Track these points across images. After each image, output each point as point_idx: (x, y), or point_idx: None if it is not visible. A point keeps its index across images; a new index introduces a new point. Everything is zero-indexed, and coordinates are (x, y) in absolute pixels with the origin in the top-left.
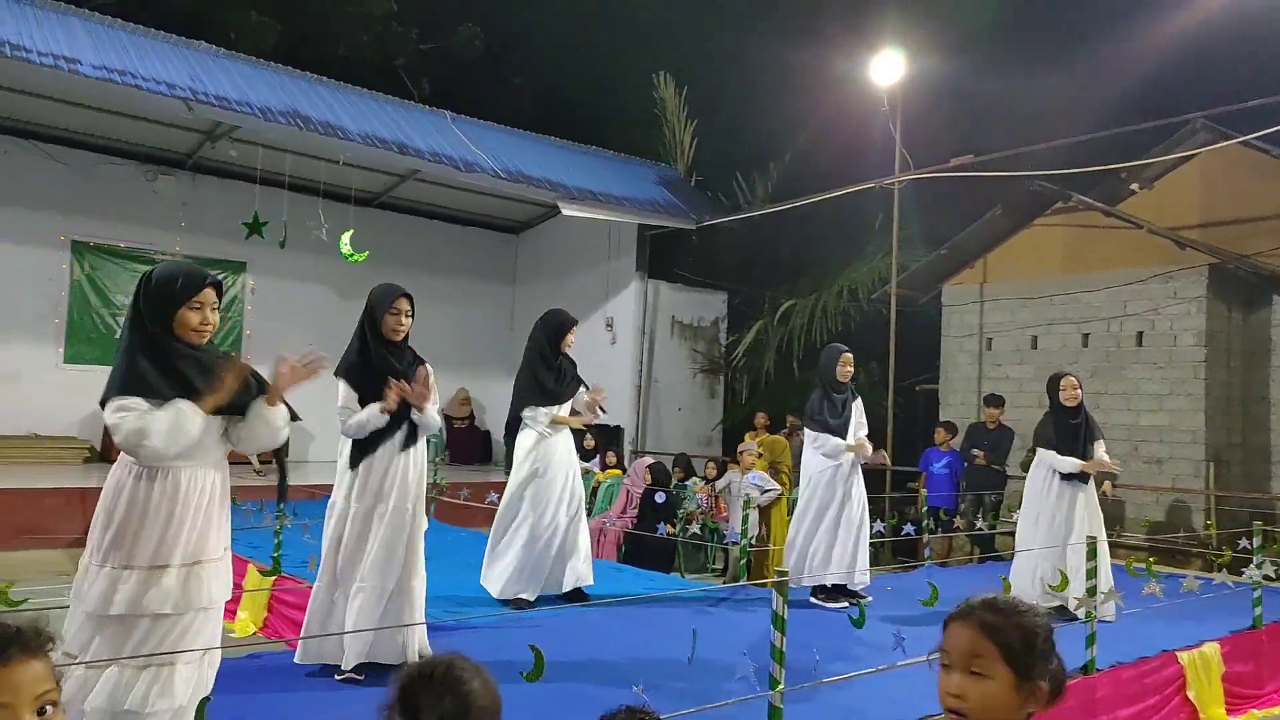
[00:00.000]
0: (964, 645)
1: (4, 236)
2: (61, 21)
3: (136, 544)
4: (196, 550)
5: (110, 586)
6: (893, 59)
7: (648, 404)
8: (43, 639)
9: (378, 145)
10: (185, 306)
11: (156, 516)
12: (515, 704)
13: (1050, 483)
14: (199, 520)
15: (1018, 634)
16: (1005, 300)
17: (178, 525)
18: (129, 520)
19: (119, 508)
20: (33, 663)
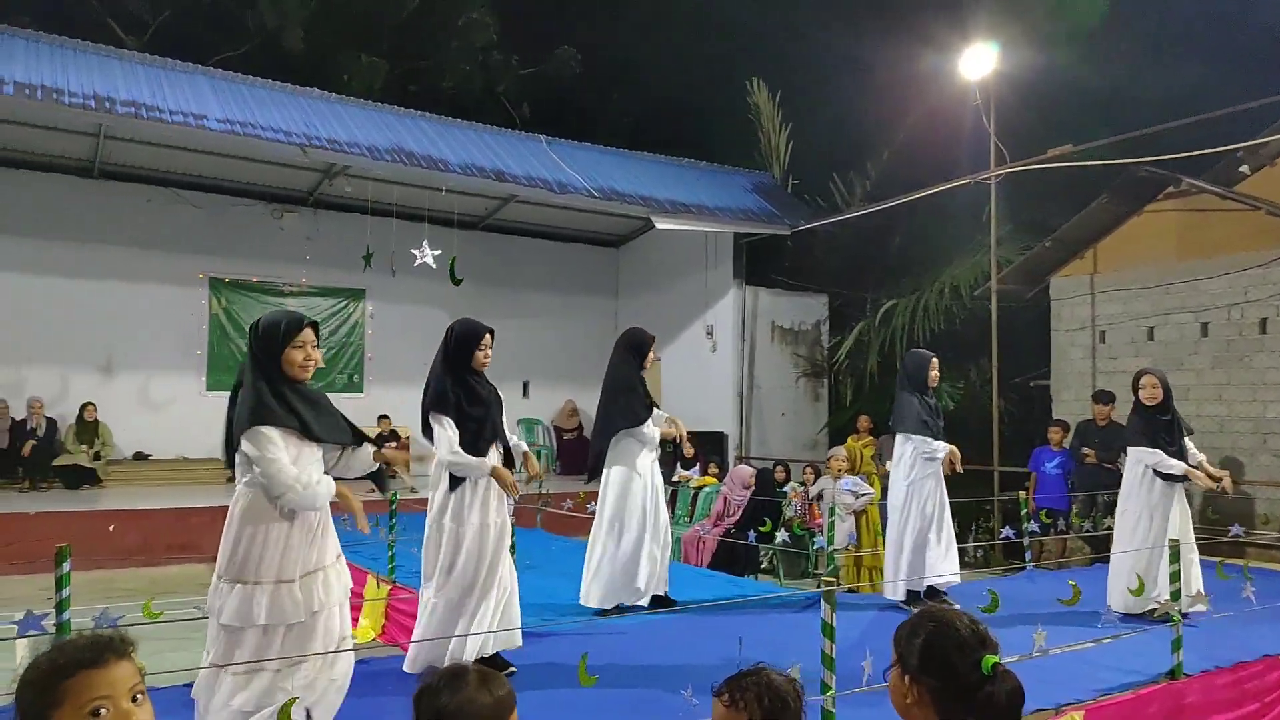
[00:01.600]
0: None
1: (150, 277)
2: (190, 81)
3: (261, 563)
4: (313, 561)
5: (241, 602)
6: (984, 52)
7: (750, 410)
8: (128, 644)
9: (476, 174)
10: (290, 346)
11: (277, 537)
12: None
13: (1146, 482)
14: (313, 536)
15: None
16: (1118, 291)
17: (295, 544)
18: (253, 542)
19: (245, 532)
20: (123, 663)
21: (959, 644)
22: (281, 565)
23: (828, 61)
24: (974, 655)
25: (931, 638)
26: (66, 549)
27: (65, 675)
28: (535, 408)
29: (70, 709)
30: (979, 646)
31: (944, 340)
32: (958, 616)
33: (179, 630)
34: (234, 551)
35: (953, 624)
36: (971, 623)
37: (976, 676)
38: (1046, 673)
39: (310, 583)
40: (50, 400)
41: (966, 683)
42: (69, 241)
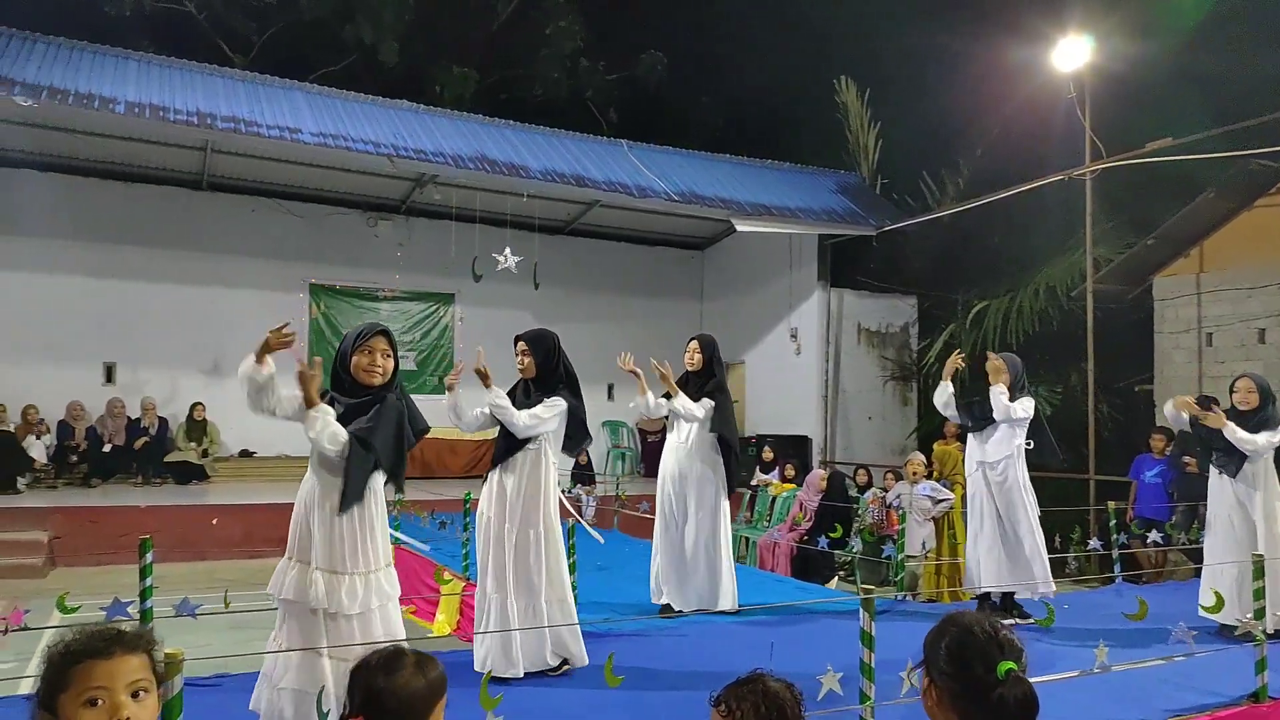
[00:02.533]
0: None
1: (254, 283)
2: (287, 96)
3: (308, 544)
4: (334, 560)
5: (282, 574)
6: (1079, 44)
7: (835, 414)
8: (143, 640)
9: (556, 180)
10: (355, 352)
11: (306, 519)
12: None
13: (1221, 486)
14: (336, 533)
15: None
16: (1226, 291)
17: (320, 530)
18: (296, 519)
19: (298, 512)
20: (130, 658)
21: (977, 648)
22: (321, 552)
23: (917, 57)
24: (991, 659)
25: (952, 641)
26: (148, 541)
27: (74, 661)
28: (619, 410)
29: (72, 694)
30: (996, 652)
31: (1039, 343)
32: (979, 621)
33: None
34: (291, 530)
35: (971, 628)
36: (993, 628)
37: (992, 680)
38: (1117, 690)
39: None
40: (162, 400)
41: (982, 686)
42: (180, 250)
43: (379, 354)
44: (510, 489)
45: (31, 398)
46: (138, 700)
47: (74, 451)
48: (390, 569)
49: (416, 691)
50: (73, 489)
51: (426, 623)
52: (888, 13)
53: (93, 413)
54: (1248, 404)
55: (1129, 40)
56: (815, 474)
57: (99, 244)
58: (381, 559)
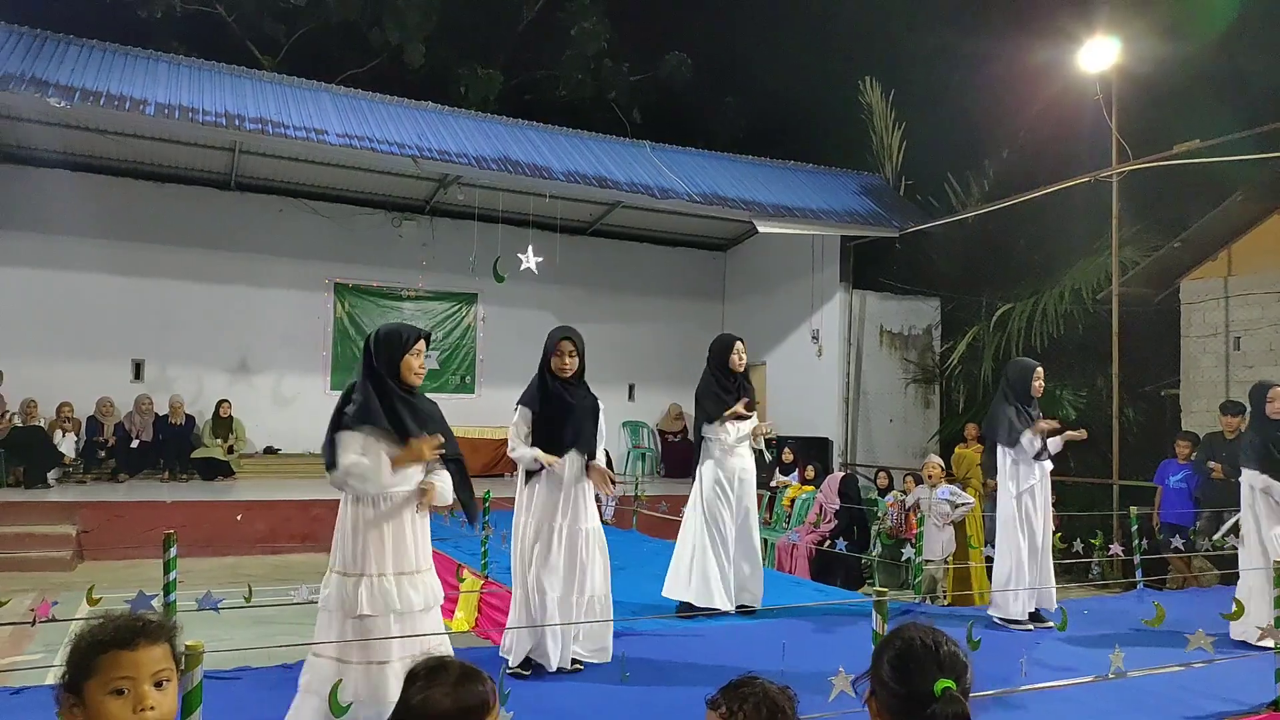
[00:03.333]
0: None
1: (280, 282)
2: (314, 98)
3: (354, 556)
4: (410, 562)
5: (338, 590)
6: (1105, 45)
7: (856, 416)
8: (166, 630)
9: (579, 180)
10: (409, 354)
11: (377, 536)
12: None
13: (1258, 503)
14: (410, 538)
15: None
16: (1255, 295)
17: (379, 542)
18: (345, 536)
19: (343, 526)
20: (154, 648)
21: (919, 664)
22: (377, 560)
23: (943, 58)
24: (928, 675)
25: (895, 655)
26: (172, 536)
27: (100, 650)
28: (640, 411)
29: (99, 682)
30: (935, 669)
31: (1064, 346)
32: (923, 634)
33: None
34: (350, 547)
35: (916, 643)
36: (935, 644)
37: (926, 695)
38: (1135, 695)
39: (401, 582)
40: (189, 397)
41: (917, 700)
42: (208, 249)
43: (423, 355)
44: (561, 489)
45: (62, 394)
46: (161, 690)
47: (102, 447)
48: (433, 571)
49: (448, 710)
50: (101, 484)
51: (446, 620)
52: (913, 14)
53: (121, 409)
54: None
55: (1157, 41)
56: (834, 477)
57: (129, 243)
58: (428, 560)
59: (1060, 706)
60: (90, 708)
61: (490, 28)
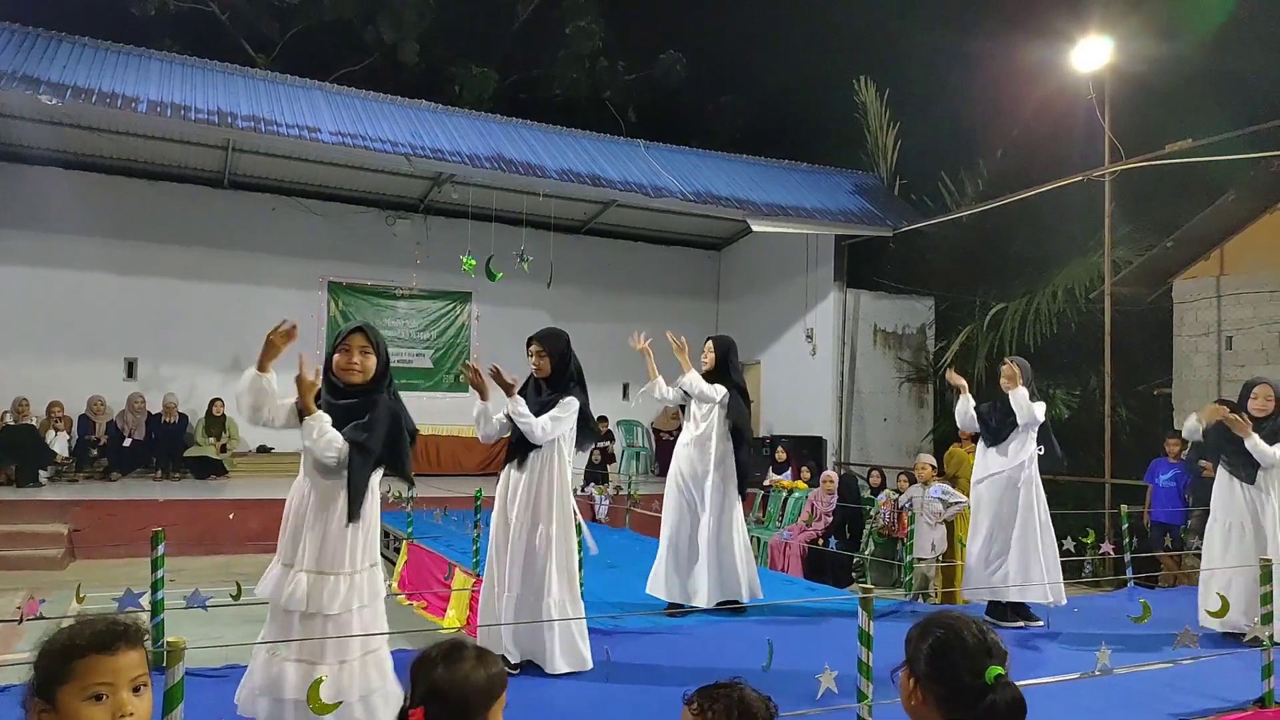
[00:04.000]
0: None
1: (274, 280)
2: (307, 96)
3: (294, 546)
4: (320, 561)
5: (267, 573)
6: (1099, 44)
7: (850, 415)
8: (140, 633)
9: (572, 179)
10: (335, 350)
11: (295, 521)
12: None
13: (1232, 490)
14: (327, 534)
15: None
16: (1247, 294)
17: (307, 533)
18: (284, 521)
19: (285, 511)
20: (131, 652)
21: (965, 651)
22: (291, 551)
23: (937, 58)
24: (979, 664)
25: (938, 643)
26: (160, 534)
27: (77, 655)
28: (635, 409)
29: (76, 688)
30: (984, 655)
31: (1057, 346)
32: (967, 624)
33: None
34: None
35: (960, 631)
36: (980, 631)
37: (979, 685)
38: (1117, 693)
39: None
40: (182, 396)
41: (970, 690)
42: (201, 247)
43: (356, 351)
44: (524, 486)
45: (54, 392)
46: (138, 695)
47: (94, 446)
48: (376, 569)
49: (478, 684)
50: (93, 483)
51: (438, 618)
52: (908, 14)
53: (114, 408)
54: (1264, 411)
55: (1150, 41)
56: (826, 475)
57: (122, 241)
58: (368, 559)
59: (1047, 704)
60: (64, 713)
61: (485, 26)
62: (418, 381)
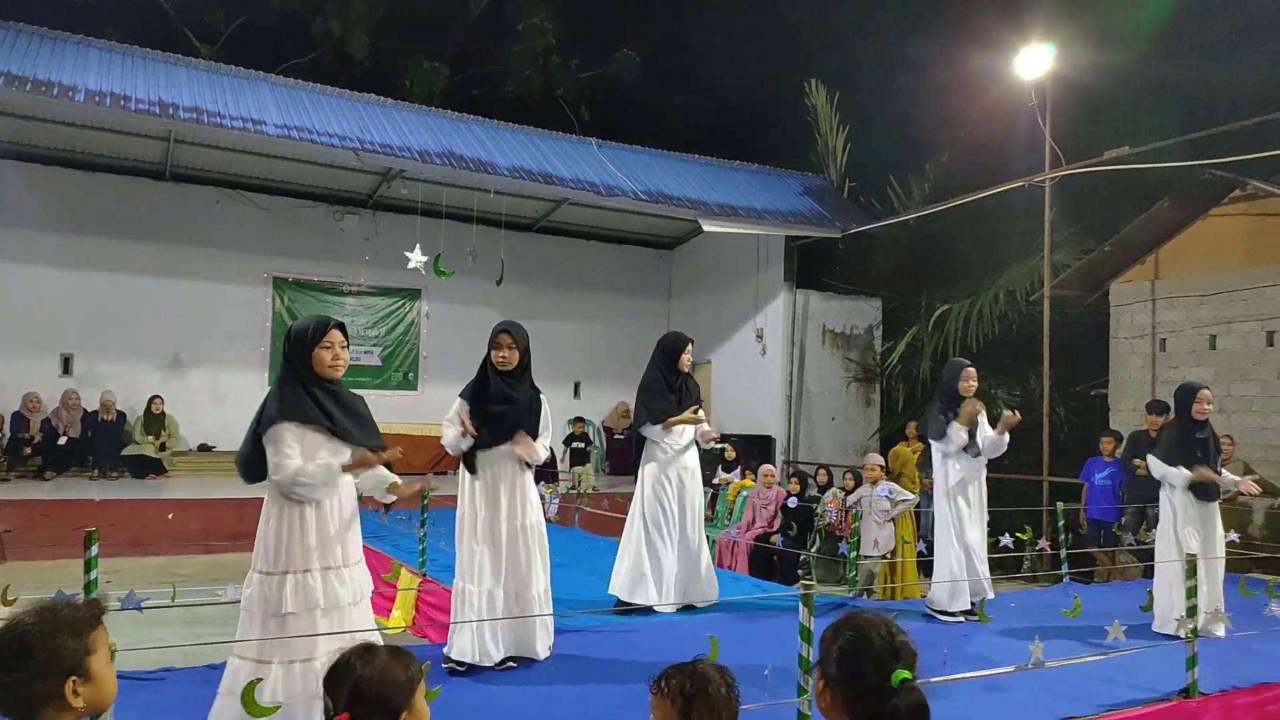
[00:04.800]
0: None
1: (217, 276)
2: (252, 87)
3: (279, 553)
4: (337, 557)
5: (260, 589)
6: (1040, 52)
7: (799, 414)
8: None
9: (524, 177)
10: (319, 347)
11: (302, 532)
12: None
13: (1175, 496)
14: (338, 532)
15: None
16: (1180, 298)
17: (305, 538)
18: (269, 534)
19: (266, 524)
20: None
21: (872, 654)
22: (302, 557)
23: (886, 63)
24: (886, 667)
25: (847, 645)
26: (94, 534)
27: (92, 626)
28: (586, 408)
29: (100, 655)
30: (891, 659)
31: (999, 347)
32: (877, 626)
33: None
34: (274, 544)
35: (868, 633)
36: (889, 634)
37: (885, 688)
38: (1050, 685)
39: (328, 577)
40: (120, 393)
41: (875, 693)
42: (141, 241)
43: (338, 346)
44: (505, 480)
45: None
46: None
47: (28, 444)
48: (362, 564)
49: (395, 679)
50: (26, 482)
51: (382, 618)
52: (858, 19)
53: (49, 404)
54: (1203, 414)
55: (1089, 49)
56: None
57: (58, 233)
58: (358, 553)
59: (982, 696)
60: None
61: (437, 21)
62: (366, 379)
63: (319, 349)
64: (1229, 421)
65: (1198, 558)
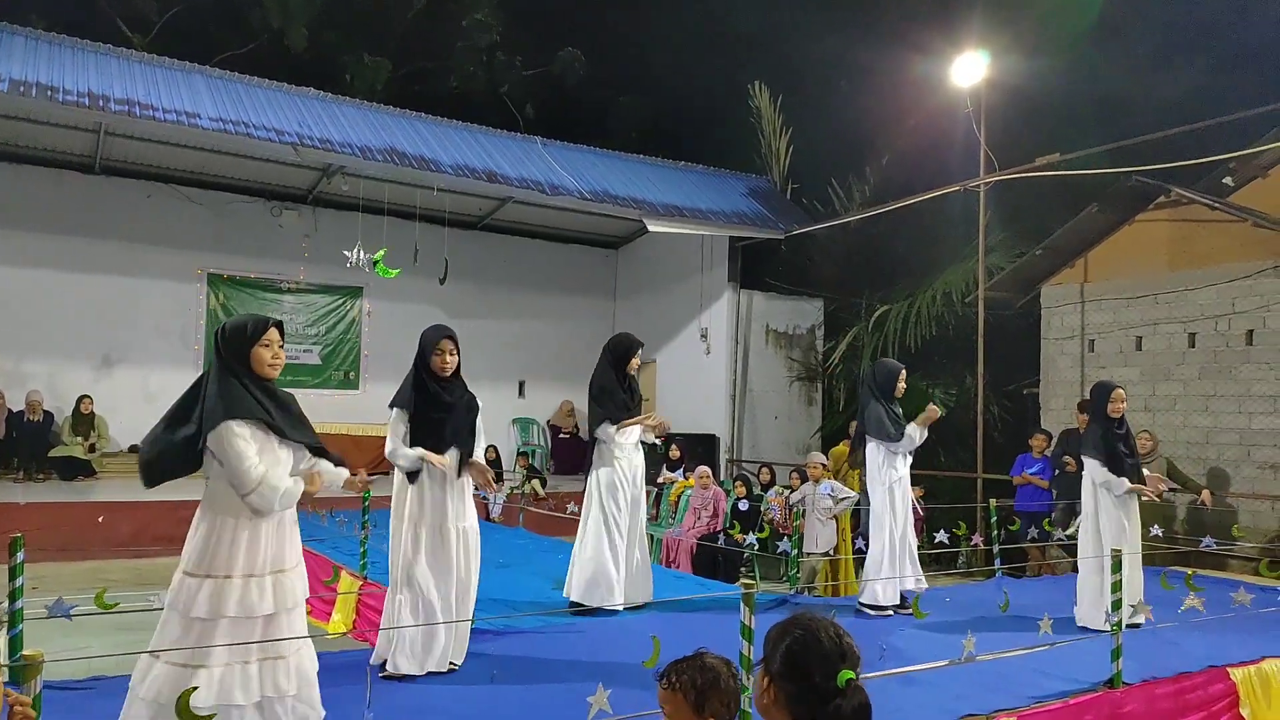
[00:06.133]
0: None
1: (149, 272)
2: (186, 79)
3: (205, 555)
4: (277, 561)
5: (180, 589)
6: (974, 59)
7: (743, 413)
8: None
9: (468, 174)
10: (258, 345)
11: (233, 538)
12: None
13: (1098, 495)
14: (278, 536)
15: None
16: (1108, 300)
17: (263, 541)
18: (209, 540)
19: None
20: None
21: (820, 654)
22: (245, 561)
23: (829, 67)
24: (832, 667)
25: (794, 644)
26: (19, 540)
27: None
28: (531, 407)
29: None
30: (838, 659)
31: (936, 346)
32: (825, 626)
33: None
34: (200, 546)
35: (817, 633)
36: (837, 634)
37: (830, 688)
38: (983, 678)
39: (250, 584)
40: (48, 392)
41: (820, 693)
42: (69, 236)
43: (276, 345)
44: (447, 487)
45: None
46: None
47: None
48: (301, 567)
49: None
50: None
51: (322, 622)
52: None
53: None
54: (1120, 413)
55: (1023, 58)
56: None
57: None
58: (295, 557)
59: (915, 690)
60: None
61: (378, 14)
62: (305, 378)
63: (258, 347)
64: (1154, 420)
65: (1122, 552)
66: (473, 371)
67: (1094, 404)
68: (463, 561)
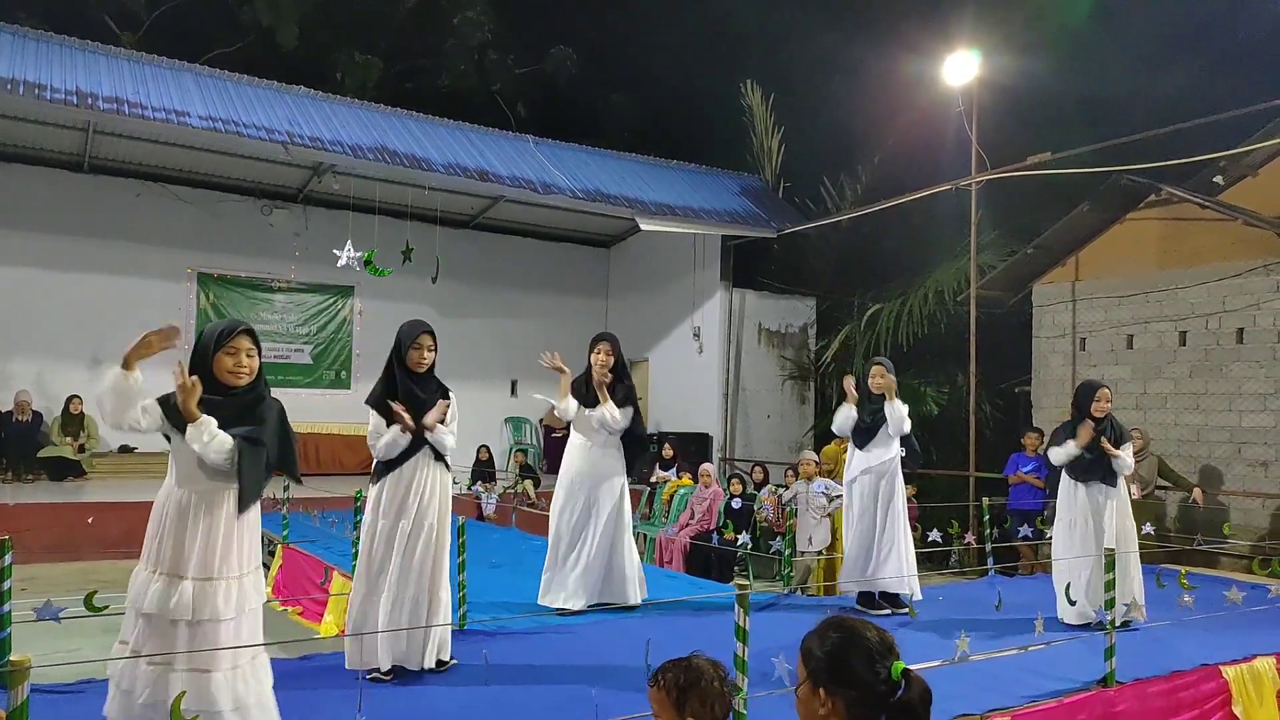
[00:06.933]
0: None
1: (139, 271)
2: (176, 78)
3: (163, 551)
4: (208, 566)
5: (144, 585)
6: (966, 58)
7: (736, 412)
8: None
9: (460, 173)
10: (221, 351)
11: (176, 529)
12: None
13: (1075, 490)
14: (211, 538)
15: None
16: (1099, 298)
17: (190, 540)
18: (159, 529)
19: (156, 517)
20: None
21: (868, 653)
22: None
23: (821, 66)
24: (883, 663)
25: (839, 648)
26: (7, 542)
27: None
28: (524, 406)
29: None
30: (886, 654)
31: (928, 345)
32: (864, 625)
33: None
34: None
35: (860, 633)
36: (877, 630)
37: (887, 683)
38: (976, 678)
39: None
40: (37, 392)
41: (878, 690)
42: (58, 235)
43: (243, 354)
44: (416, 485)
45: None
46: None
47: None
48: (259, 572)
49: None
50: None
51: (314, 624)
52: (794, 23)
53: None
54: (1104, 413)
55: (1014, 57)
56: (703, 468)
57: None
58: (252, 562)
59: None
60: None
61: (369, 12)
62: (296, 378)
63: (221, 353)
64: (1145, 418)
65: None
66: (465, 370)
67: (1078, 403)
68: (429, 561)
